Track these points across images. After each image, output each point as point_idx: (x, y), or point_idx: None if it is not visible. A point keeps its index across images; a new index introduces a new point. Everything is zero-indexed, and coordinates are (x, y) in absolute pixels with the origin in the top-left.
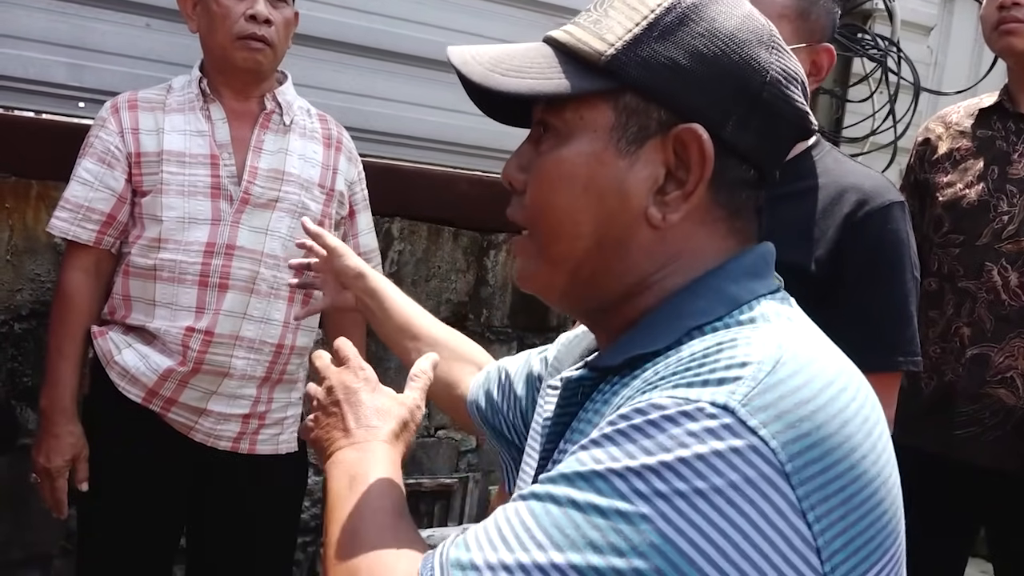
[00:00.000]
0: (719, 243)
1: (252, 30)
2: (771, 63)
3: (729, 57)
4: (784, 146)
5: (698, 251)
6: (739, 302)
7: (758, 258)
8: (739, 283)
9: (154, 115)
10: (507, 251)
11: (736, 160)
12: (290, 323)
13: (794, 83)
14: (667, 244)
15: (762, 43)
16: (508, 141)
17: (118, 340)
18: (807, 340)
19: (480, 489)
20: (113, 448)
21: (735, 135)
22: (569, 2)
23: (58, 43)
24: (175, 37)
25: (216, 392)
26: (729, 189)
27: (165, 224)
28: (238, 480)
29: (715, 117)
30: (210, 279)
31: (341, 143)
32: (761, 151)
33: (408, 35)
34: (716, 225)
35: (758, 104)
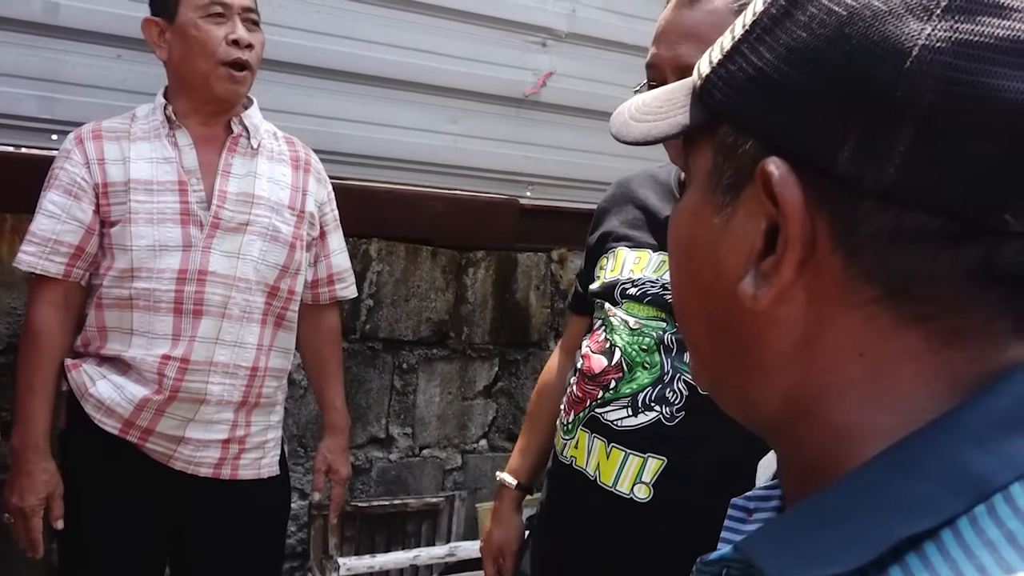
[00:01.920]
0: (902, 350)
1: (236, 55)
2: (929, 35)
3: (844, 44)
4: (989, 167)
5: (876, 370)
6: (987, 488)
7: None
8: (988, 447)
9: (119, 144)
10: (485, 268)
11: (879, 204)
12: (263, 345)
13: (1010, 58)
14: (803, 343)
15: (923, 5)
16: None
17: (92, 372)
18: None
19: (467, 507)
20: (92, 481)
21: (861, 166)
22: (538, 20)
23: (28, 76)
24: (147, 67)
25: (193, 419)
26: (883, 251)
27: (135, 253)
28: (221, 506)
29: (820, 142)
30: (184, 306)
31: (309, 164)
32: (929, 182)
33: (378, 57)
34: (872, 314)
35: (893, 109)
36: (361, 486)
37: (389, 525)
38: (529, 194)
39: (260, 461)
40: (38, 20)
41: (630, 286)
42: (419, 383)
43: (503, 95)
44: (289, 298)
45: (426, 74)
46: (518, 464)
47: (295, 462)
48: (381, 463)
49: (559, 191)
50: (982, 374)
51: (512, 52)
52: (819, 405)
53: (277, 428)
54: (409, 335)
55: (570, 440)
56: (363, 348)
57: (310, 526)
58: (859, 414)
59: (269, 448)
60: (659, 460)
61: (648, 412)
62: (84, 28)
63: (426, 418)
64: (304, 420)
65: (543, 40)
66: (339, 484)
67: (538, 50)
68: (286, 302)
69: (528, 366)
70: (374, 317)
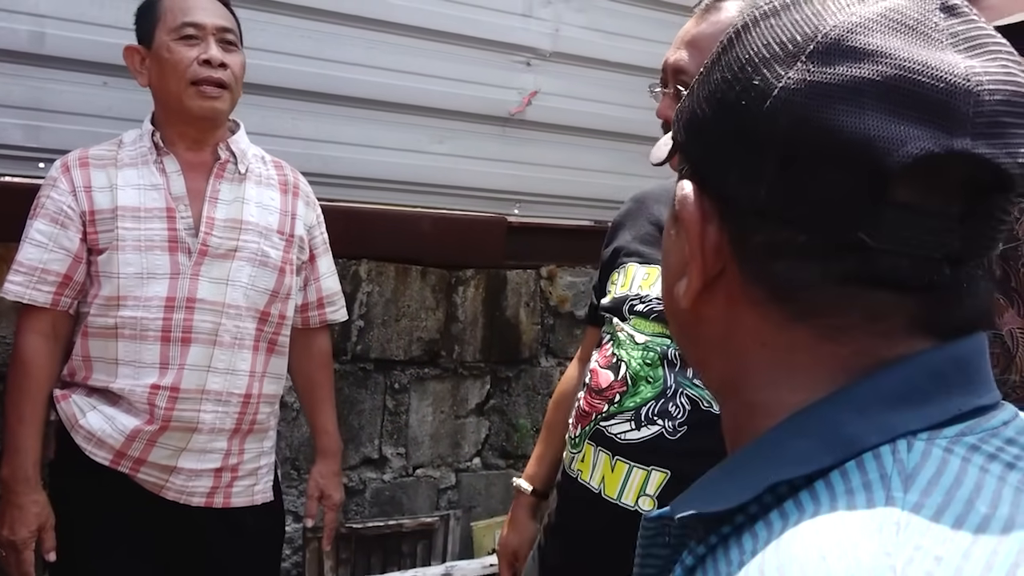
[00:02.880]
0: (792, 342)
1: (207, 74)
2: (788, 79)
3: (731, 87)
4: (831, 195)
5: (777, 357)
6: (857, 447)
7: (916, 373)
8: (868, 415)
9: (106, 171)
10: (475, 286)
11: (759, 221)
12: (256, 372)
13: (852, 99)
14: (726, 336)
15: (793, 53)
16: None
17: (82, 403)
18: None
19: (462, 526)
20: (83, 513)
21: (742, 188)
22: (522, 40)
23: (14, 105)
24: (132, 94)
25: (186, 448)
26: (767, 260)
27: (122, 280)
28: (214, 534)
29: (717, 168)
30: (172, 334)
31: (298, 188)
32: (792, 204)
33: (364, 79)
34: (769, 314)
35: (760, 140)
36: (355, 507)
37: (384, 546)
38: (517, 212)
39: (253, 488)
40: (24, 49)
41: (638, 302)
42: (411, 402)
43: (489, 114)
44: (280, 323)
45: (412, 95)
46: (534, 471)
47: (288, 484)
48: (375, 484)
49: (546, 208)
50: (870, 363)
51: (497, 72)
52: (738, 386)
53: (270, 454)
54: (400, 355)
55: (577, 453)
56: (355, 369)
57: (305, 549)
58: (766, 392)
59: (262, 474)
60: (662, 473)
61: (651, 426)
62: (70, 56)
63: (419, 437)
64: (297, 443)
65: (527, 59)
66: (332, 509)
67: (523, 69)
68: (277, 327)
69: (520, 383)
70: (365, 338)
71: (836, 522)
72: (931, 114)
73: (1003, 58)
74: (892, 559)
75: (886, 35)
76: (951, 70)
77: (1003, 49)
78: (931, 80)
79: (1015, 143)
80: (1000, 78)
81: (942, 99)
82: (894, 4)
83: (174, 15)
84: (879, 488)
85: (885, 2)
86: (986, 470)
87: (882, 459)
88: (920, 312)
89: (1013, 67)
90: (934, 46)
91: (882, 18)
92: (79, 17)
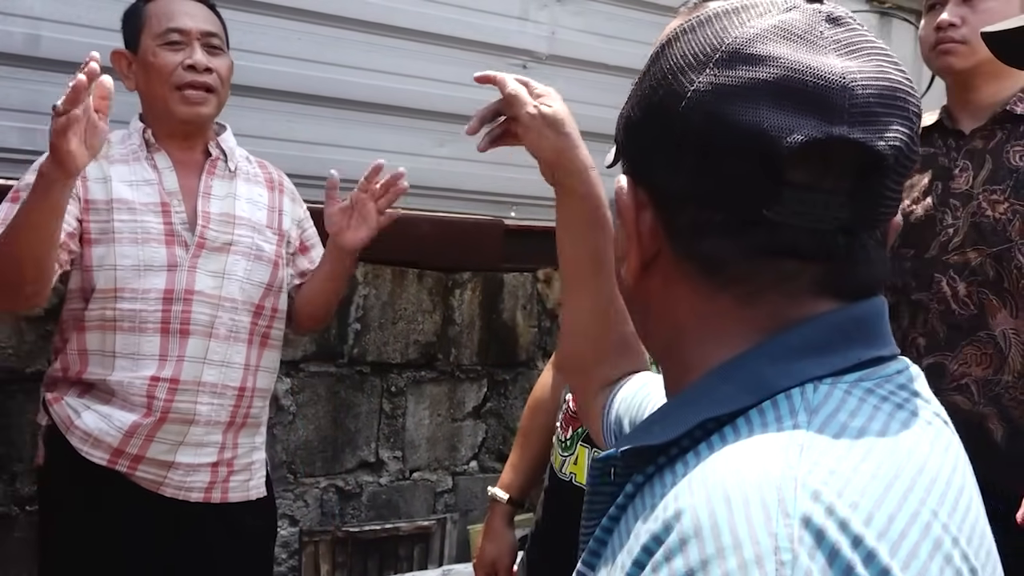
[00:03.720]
0: (718, 308)
1: (192, 79)
2: (699, 83)
3: (656, 92)
4: (738, 179)
5: (705, 322)
6: (772, 389)
7: (822, 329)
8: (780, 364)
9: (99, 165)
10: (472, 289)
11: (682, 205)
12: (251, 365)
13: (749, 96)
14: (663, 307)
15: (703, 62)
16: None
17: (75, 404)
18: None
19: (459, 529)
20: (79, 516)
21: (666, 178)
22: (519, 43)
23: (10, 108)
24: (127, 96)
25: (183, 442)
26: (691, 239)
27: (119, 272)
28: (212, 531)
29: (645, 162)
30: (171, 326)
31: (283, 185)
32: (707, 188)
33: (361, 82)
34: (698, 286)
35: (677, 136)
36: (352, 511)
37: (381, 550)
38: (514, 214)
39: (248, 483)
40: (19, 52)
41: None
42: (408, 406)
43: None
44: (273, 316)
45: (409, 98)
46: (510, 479)
47: (284, 488)
48: (371, 487)
49: (543, 211)
50: (781, 322)
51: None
52: (676, 349)
53: (261, 449)
54: (397, 358)
55: (569, 456)
56: (351, 372)
57: (301, 553)
58: (698, 352)
59: (256, 469)
60: None
61: None
62: (65, 59)
63: (416, 441)
64: (293, 446)
65: (524, 62)
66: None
67: (519, 72)
68: (271, 320)
69: (516, 386)
70: (362, 341)
71: (752, 445)
72: (813, 107)
73: (878, 59)
74: (794, 471)
75: (777, 43)
76: (830, 70)
77: (880, 52)
78: (813, 79)
79: (885, 128)
80: (873, 75)
81: (822, 94)
82: (786, 17)
83: (159, 20)
84: (788, 420)
85: (779, 16)
86: (879, 408)
87: (792, 398)
88: (822, 278)
89: (887, 66)
90: (818, 51)
91: (775, 29)
92: (75, 20)
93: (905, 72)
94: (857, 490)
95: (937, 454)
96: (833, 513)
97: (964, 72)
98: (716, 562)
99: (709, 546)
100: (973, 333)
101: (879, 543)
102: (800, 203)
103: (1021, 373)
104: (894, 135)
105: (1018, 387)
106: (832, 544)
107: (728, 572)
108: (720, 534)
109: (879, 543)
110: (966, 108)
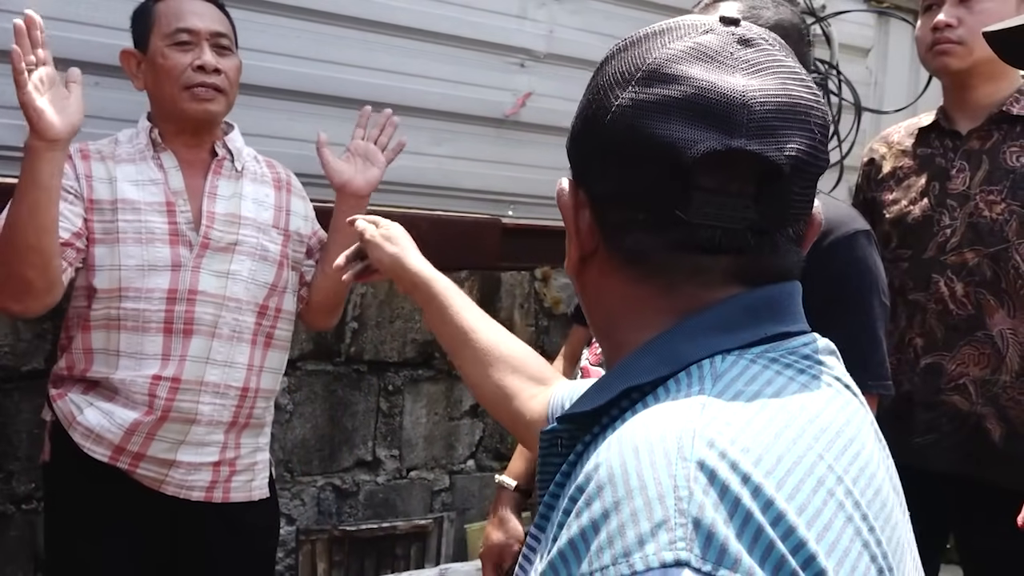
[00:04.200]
0: (642, 295)
1: (201, 79)
2: (622, 98)
3: (590, 106)
4: (654, 184)
5: (633, 307)
6: (686, 360)
7: (732, 310)
8: (694, 340)
9: (105, 165)
10: (469, 288)
11: (611, 205)
12: (254, 365)
13: (662, 111)
14: (599, 295)
15: (627, 79)
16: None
17: (78, 400)
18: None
19: (456, 528)
20: (82, 512)
21: (596, 181)
22: (517, 41)
23: (7, 106)
24: (125, 94)
25: (184, 441)
26: (618, 235)
27: (123, 272)
28: (213, 531)
29: (582, 167)
30: (174, 325)
31: (291, 184)
32: (630, 190)
33: (360, 80)
34: (626, 276)
35: (604, 144)
36: (349, 509)
37: (378, 548)
38: (511, 213)
39: (251, 483)
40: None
41: None
42: (405, 404)
43: (484, 116)
44: (277, 316)
45: (408, 96)
46: (519, 467)
47: (282, 487)
48: (368, 486)
49: (540, 209)
50: (698, 307)
51: (492, 73)
52: (611, 331)
53: (265, 450)
54: (394, 356)
55: None
56: (348, 371)
57: (298, 552)
58: (627, 334)
59: (259, 470)
60: None
61: None
62: (62, 56)
63: (413, 439)
64: (290, 445)
65: (522, 61)
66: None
67: (517, 71)
68: (275, 320)
69: None
70: (359, 339)
71: (662, 407)
72: (716, 121)
73: (782, 77)
74: (693, 424)
75: (690, 64)
76: (731, 88)
77: (786, 70)
78: (716, 96)
79: (785, 140)
80: (774, 92)
81: (724, 110)
82: (702, 39)
83: (168, 20)
84: (696, 385)
85: (696, 38)
86: (780, 373)
87: (702, 368)
88: (734, 269)
89: (791, 83)
90: (725, 71)
91: (690, 50)
92: (71, 17)
93: (811, 88)
94: (749, 437)
95: (832, 410)
96: (725, 456)
97: (961, 73)
98: (625, 502)
99: (620, 489)
100: (971, 333)
101: (766, 479)
102: (709, 205)
103: (1019, 373)
104: (793, 146)
105: (1016, 387)
106: (723, 481)
107: (635, 510)
108: (628, 479)
109: (766, 479)
110: (963, 109)
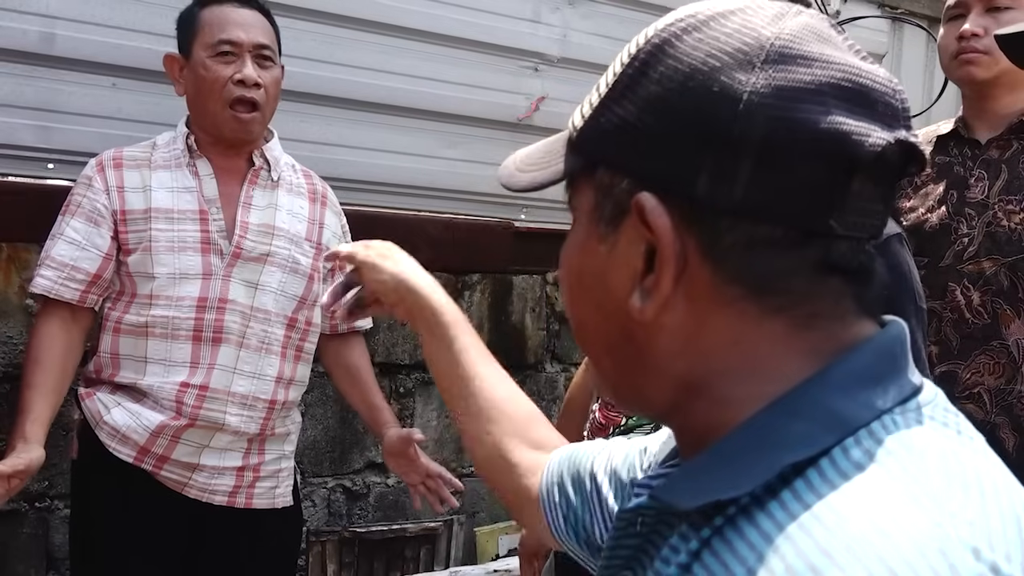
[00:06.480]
0: (768, 335)
1: (241, 94)
2: (754, 83)
3: (690, 95)
4: (808, 187)
5: (751, 351)
6: (852, 425)
7: (877, 354)
8: (851, 396)
9: (140, 172)
10: (481, 291)
11: (733, 220)
12: (283, 378)
13: (818, 99)
14: (689, 340)
15: (747, 61)
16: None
17: (106, 400)
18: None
19: (465, 531)
20: (107, 511)
21: (715, 191)
22: (530, 45)
23: (25, 106)
24: (142, 96)
25: (208, 445)
26: (742, 258)
27: (156, 281)
28: (234, 535)
29: (680, 175)
30: (203, 333)
31: (326, 198)
32: (769, 199)
33: (372, 83)
34: (746, 311)
35: (734, 143)
36: (359, 511)
37: (388, 550)
38: (523, 217)
39: (275, 491)
40: (34, 50)
41: None
42: (416, 407)
43: (497, 119)
44: (307, 330)
45: (421, 100)
46: None
47: None
48: (379, 488)
49: (552, 213)
50: (837, 347)
51: (506, 77)
52: (706, 385)
53: (290, 458)
54: (406, 359)
55: None
56: None
57: (308, 553)
58: (739, 387)
59: (283, 478)
60: None
61: None
62: (80, 57)
63: (423, 442)
64: (301, 446)
65: (535, 65)
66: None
67: (531, 75)
68: (304, 334)
69: (524, 388)
70: (371, 341)
71: (869, 497)
72: (877, 109)
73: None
74: (944, 528)
75: (817, 44)
76: (878, 72)
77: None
78: (871, 81)
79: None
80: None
81: (884, 97)
82: (806, 20)
83: (211, 31)
84: (885, 460)
85: (798, 18)
86: (948, 436)
87: (875, 434)
88: (859, 295)
89: None
90: (851, 53)
91: (806, 30)
92: (89, 18)
93: None
94: (997, 536)
95: (1000, 469)
96: (998, 571)
97: (985, 82)
98: None
99: None
100: (986, 342)
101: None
102: (857, 212)
103: None
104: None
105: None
106: None
107: None
108: None
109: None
110: (983, 118)
